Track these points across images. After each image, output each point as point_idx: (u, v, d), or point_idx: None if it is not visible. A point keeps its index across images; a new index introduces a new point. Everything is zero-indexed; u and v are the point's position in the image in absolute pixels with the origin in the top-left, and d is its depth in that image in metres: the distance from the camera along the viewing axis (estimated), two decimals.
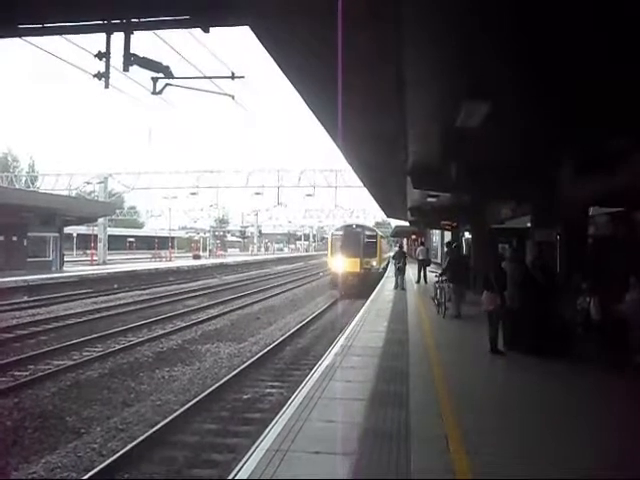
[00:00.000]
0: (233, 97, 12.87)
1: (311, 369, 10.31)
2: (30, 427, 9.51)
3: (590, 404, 7.89)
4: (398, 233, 64.10)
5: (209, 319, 21.85)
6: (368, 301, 21.18)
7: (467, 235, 30.03)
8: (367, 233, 34.15)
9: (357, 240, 32.96)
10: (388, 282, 29.05)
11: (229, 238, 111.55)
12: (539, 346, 10.40)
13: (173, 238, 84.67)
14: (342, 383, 8.72)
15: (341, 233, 34.48)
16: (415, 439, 6.21)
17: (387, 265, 41.44)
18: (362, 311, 18.10)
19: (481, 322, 11.87)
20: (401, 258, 26.21)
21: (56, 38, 7.92)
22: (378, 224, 69.41)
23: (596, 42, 6.31)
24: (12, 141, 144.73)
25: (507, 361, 10.74)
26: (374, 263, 33.25)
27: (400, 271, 25.86)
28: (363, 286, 29.80)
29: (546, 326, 10.49)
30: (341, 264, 32.02)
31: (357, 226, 35.41)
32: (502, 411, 7.65)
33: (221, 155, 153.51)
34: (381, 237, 37.31)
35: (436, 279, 18.53)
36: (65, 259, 42.45)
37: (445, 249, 28.54)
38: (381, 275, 34.55)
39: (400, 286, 25.32)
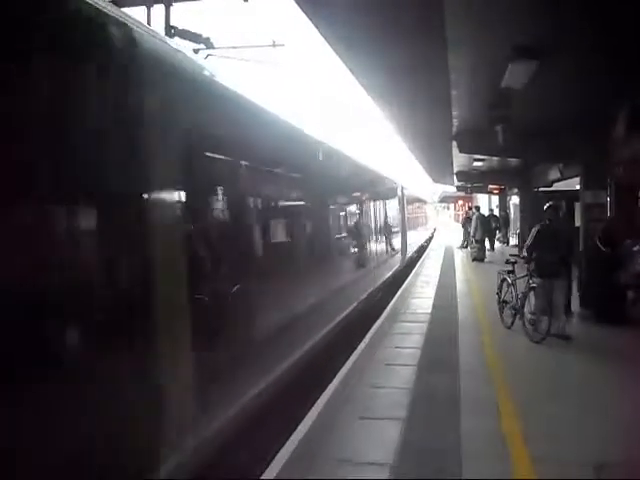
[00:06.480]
0: (275, 66, 12.86)
1: None
2: None
3: None
4: (445, 199, 63.55)
5: None
6: None
7: (513, 199, 29.29)
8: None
9: None
10: None
11: None
12: (605, 311, 10.22)
13: None
14: None
15: None
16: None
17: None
18: None
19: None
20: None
21: None
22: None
23: None
24: None
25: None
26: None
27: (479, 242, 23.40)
28: None
29: (610, 290, 10.24)
30: None
31: None
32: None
33: None
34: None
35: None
36: None
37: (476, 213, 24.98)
38: None
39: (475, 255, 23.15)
